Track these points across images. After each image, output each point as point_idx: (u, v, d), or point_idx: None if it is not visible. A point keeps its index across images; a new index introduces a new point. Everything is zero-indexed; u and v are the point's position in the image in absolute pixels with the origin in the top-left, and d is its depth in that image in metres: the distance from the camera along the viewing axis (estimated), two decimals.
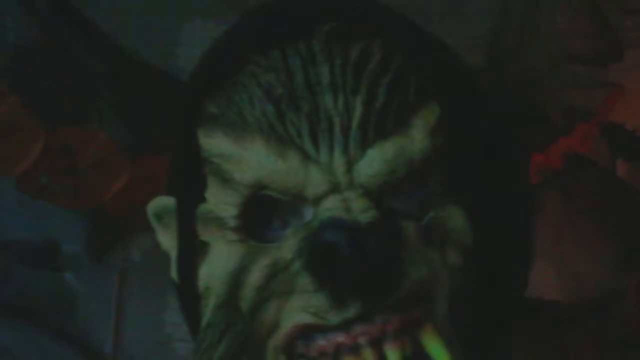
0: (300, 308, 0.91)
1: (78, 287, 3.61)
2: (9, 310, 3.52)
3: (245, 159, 0.93)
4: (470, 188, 0.97)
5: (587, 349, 3.12)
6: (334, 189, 0.91)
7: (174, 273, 1.07)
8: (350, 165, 0.91)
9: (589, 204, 3.09)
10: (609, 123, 3.25)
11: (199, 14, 3.35)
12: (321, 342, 0.91)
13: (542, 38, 2.72)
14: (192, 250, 1.00)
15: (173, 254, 1.07)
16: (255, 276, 0.93)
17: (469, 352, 0.96)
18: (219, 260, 0.96)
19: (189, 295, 1.02)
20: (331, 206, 0.91)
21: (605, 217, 3.19)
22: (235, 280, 0.94)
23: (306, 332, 0.91)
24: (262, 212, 0.95)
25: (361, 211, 0.90)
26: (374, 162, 0.91)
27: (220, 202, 0.96)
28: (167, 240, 1.09)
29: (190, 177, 1.00)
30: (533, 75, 2.77)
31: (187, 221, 1.00)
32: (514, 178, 1.06)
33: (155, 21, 3.47)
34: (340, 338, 0.90)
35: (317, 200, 0.92)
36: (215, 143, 0.96)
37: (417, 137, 0.93)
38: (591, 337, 3.16)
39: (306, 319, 0.91)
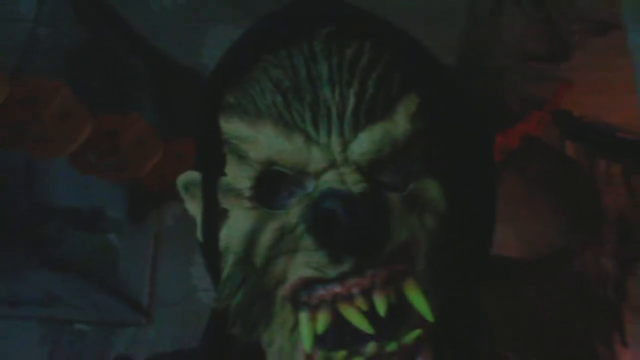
0: (304, 264, 0.91)
1: (119, 246, 3.62)
2: (62, 266, 3.53)
3: (258, 140, 0.93)
4: (445, 164, 0.97)
5: (544, 299, 3.13)
6: (332, 165, 0.91)
7: (199, 235, 1.07)
8: (345, 146, 0.91)
9: (542, 177, 3.09)
10: (559, 111, 3.24)
11: (220, 21, 3.35)
12: (321, 292, 0.91)
13: (503, 41, 2.71)
14: (214, 216, 1.00)
15: (198, 219, 1.07)
16: (266, 237, 0.93)
17: (445, 301, 0.96)
18: (237, 224, 0.96)
19: (211, 253, 1.01)
20: (329, 179, 0.91)
21: (555, 188, 3.19)
22: (250, 241, 0.94)
23: (308, 284, 0.91)
24: (272, 184, 0.95)
25: (354, 183, 0.90)
26: (364, 143, 0.92)
27: (238, 176, 0.96)
28: (194, 207, 1.09)
29: (212, 155, 1.00)
30: (495, 71, 2.76)
31: (210, 192, 1.00)
32: (480, 156, 1.06)
33: (184, 26, 3.47)
34: (337, 288, 0.90)
35: (317, 175, 0.92)
36: (233, 127, 0.96)
37: (400, 122, 0.93)
38: (546, 289, 3.17)
39: (308, 272, 0.91)
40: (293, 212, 0.93)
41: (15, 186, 3.51)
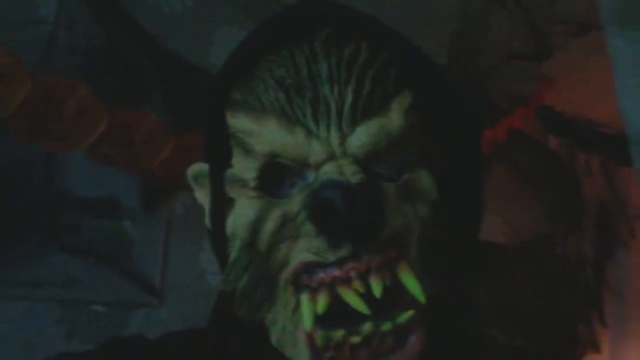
0: (305, 249, 0.92)
1: (134, 233, 3.61)
2: (80, 251, 3.53)
3: (262, 134, 0.94)
4: (437, 156, 0.98)
5: (528, 282, 3.13)
6: (331, 157, 0.92)
7: (207, 222, 1.07)
8: (343, 139, 0.92)
9: (527, 169, 3.09)
10: (542, 107, 3.24)
11: (227, 22, 3.34)
12: (321, 275, 0.92)
13: (491, 42, 2.71)
14: (222, 205, 1.00)
15: (207, 207, 1.08)
16: (270, 224, 0.94)
17: (436, 284, 0.96)
18: (242, 212, 0.97)
19: (219, 239, 1.02)
20: (328, 170, 0.91)
21: (539, 179, 3.19)
22: (255, 228, 0.94)
23: (309, 268, 0.92)
24: (275, 175, 0.95)
25: (352, 174, 0.91)
26: (361, 136, 0.92)
27: (243, 167, 0.97)
28: (202, 196, 1.09)
29: (220, 148, 1.01)
30: (484, 70, 2.76)
31: (218, 182, 1.01)
32: (470, 149, 1.07)
33: (193, 28, 3.47)
34: (336, 272, 0.91)
35: (317, 166, 0.92)
36: (239, 122, 0.97)
37: (394, 117, 0.94)
38: (530, 272, 3.17)
39: (309, 257, 0.92)
40: (295, 201, 0.94)
41: (36, 177, 3.51)
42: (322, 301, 0.92)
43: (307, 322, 0.93)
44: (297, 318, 0.95)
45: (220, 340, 1.11)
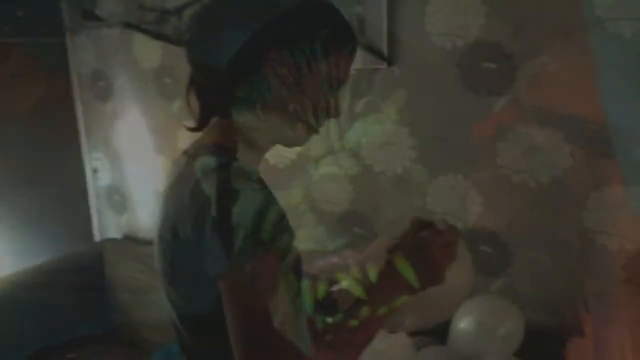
0: (305, 238, 0.93)
1: (142, 224, 3.62)
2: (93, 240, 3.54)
3: (265, 129, 0.94)
4: (430, 150, 0.99)
5: (517, 269, 3.15)
6: (330, 151, 0.93)
7: (214, 212, 1.08)
8: (341, 135, 0.93)
9: (514, 162, 3.10)
10: (530, 104, 3.24)
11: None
12: (321, 263, 0.92)
13: (479, 40, 2.72)
14: (227, 196, 1.01)
15: (212, 198, 1.08)
16: (273, 215, 0.94)
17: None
18: (246, 203, 0.97)
19: (224, 228, 1.02)
20: (328, 164, 0.92)
21: (526, 171, 3.21)
22: (258, 218, 0.95)
23: (310, 256, 0.93)
24: (277, 168, 0.96)
25: (350, 167, 0.91)
26: (359, 132, 0.93)
27: (247, 161, 0.98)
28: (209, 188, 1.10)
29: (226, 142, 1.01)
30: (474, 67, 2.77)
31: (224, 174, 1.01)
32: (460, 143, 1.07)
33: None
34: (335, 260, 0.91)
35: (317, 159, 0.93)
36: (242, 118, 0.97)
37: (391, 114, 0.94)
38: (518, 259, 3.19)
39: (310, 246, 0.92)
40: (296, 193, 0.95)
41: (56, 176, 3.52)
42: (322, 287, 0.93)
43: (308, 307, 0.94)
44: (299, 304, 0.96)
45: (224, 324, 1.11)
